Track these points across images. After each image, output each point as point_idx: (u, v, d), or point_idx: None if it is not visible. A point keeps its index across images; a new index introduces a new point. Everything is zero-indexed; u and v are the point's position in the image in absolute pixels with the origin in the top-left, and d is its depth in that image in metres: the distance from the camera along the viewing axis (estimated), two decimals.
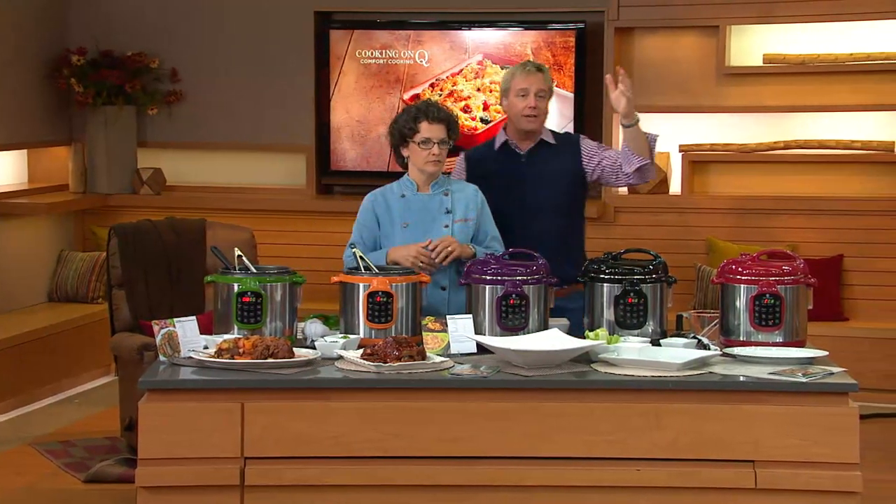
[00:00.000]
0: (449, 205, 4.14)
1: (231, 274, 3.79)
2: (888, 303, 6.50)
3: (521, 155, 4.30)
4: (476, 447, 3.37)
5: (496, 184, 4.27)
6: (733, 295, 3.68)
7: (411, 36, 7.14)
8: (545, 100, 4.27)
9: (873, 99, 6.56)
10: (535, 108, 4.24)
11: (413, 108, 4.14)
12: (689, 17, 6.74)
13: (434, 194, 4.15)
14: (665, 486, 3.36)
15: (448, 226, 4.12)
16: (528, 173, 4.27)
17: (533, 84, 4.24)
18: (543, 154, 4.30)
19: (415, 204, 4.13)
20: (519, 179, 4.27)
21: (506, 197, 4.26)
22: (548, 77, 4.31)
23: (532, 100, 4.23)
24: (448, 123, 4.10)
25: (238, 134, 7.30)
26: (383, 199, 4.16)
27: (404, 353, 3.47)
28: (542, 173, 4.25)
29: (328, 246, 6.84)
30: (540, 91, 4.25)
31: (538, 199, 4.24)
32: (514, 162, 4.31)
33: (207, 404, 3.39)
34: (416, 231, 4.10)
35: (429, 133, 4.07)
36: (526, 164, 4.29)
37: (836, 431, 3.33)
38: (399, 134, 4.12)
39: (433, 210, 4.13)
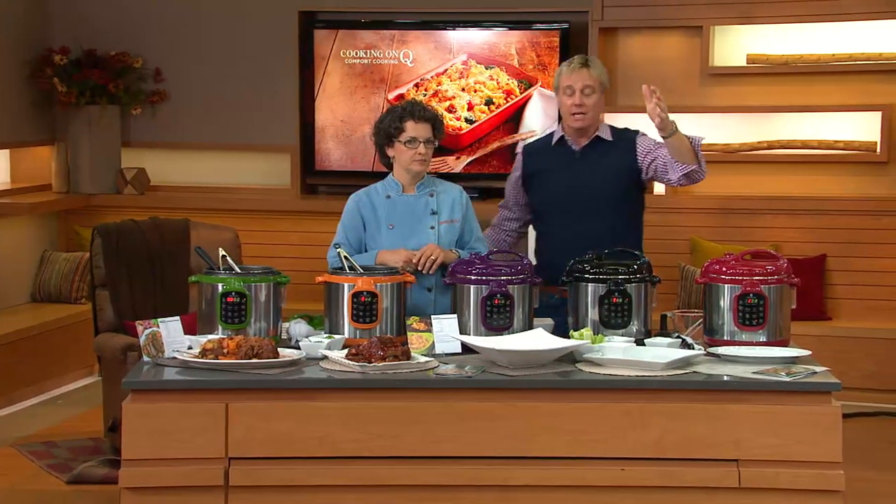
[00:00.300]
0: (434, 206, 4.13)
1: (215, 274, 3.78)
2: (871, 302, 6.53)
3: (576, 151, 4.21)
4: (461, 447, 3.37)
5: (550, 179, 4.22)
6: (717, 295, 3.69)
7: (396, 36, 7.14)
8: (593, 96, 4.14)
9: (856, 99, 6.59)
10: (581, 106, 4.13)
11: (398, 107, 4.13)
12: (672, 17, 6.76)
13: (420, 195, 4.14)
14: (649, 486, 3.37)
15: (434, 227, 4.12)
16: (582, 170, 4.18)
17: (578, 80, 4.13)
18: (598, 151, 4.19)
19: (400, 205, 4.12)
20: (572, 176, 4.19)
21: (559, 193, 4.20)
22: (596, 71, 4.16)
23: (578, 97, 4.13)
24: (434, 123, 4.09)
25: (222, 134, 7.29)
26: (368, 200, 4.14)
27: (389, 353, 3.46)
28: (595, 170, 4.15)
29: (313, 246, 6.83)
30: (586, 87, 4.13)
31: (591, 197, 4.15)
32: (569, 158, 4.22)
33: (191, 405, 3.38)
34: (402, 232, 4.09)
35: (414, 132, 4.06)
36: (580, 161, 4.20)
37: (819, 430, 3.34)
38: (385, 133, 4.10)
39: (419, 211, 4.12)
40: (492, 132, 7.11)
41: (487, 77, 7.06)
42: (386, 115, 4.14)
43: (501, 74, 7.05)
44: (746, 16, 6.65)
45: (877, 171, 6.58)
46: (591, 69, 4.15)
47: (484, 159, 7.14)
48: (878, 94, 6.55)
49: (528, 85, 7.03)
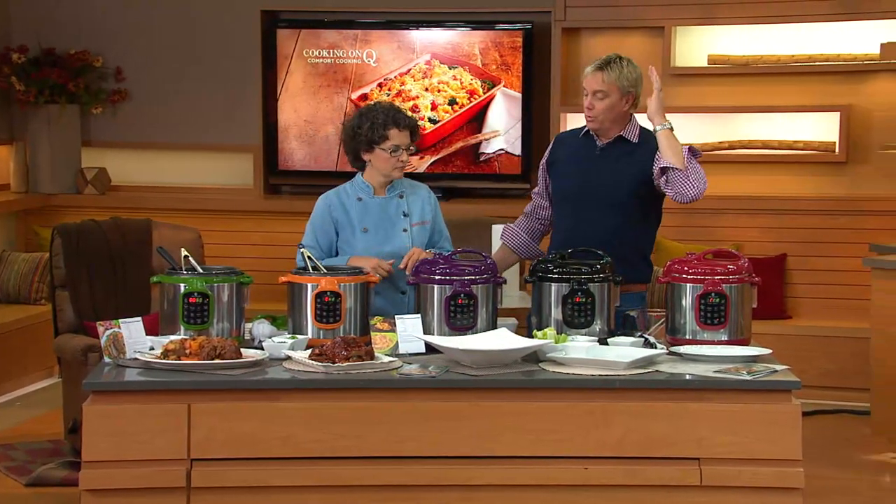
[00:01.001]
0: (406, 208, 4.12)
1: (177, 274, 3.75)
2: (830, 301, 6.59)
3: (598, 147, 4.15)
4: (424, 447, 3.37)
5: (568, 170, 4.17)
6: (679, 294, 3.71)
7: (359, 35, 7.13)
8: (605, 100, 4.06)
9: (815, 100, 6.66)
10: (590, 109, 4.08)
11: (379, 113, 4.06)
12: (634, 17, 6.79)
13: (391, 197, 4.12)
14: (612, 484, 3.37)
15: (407, 230, 4.10)
16: (599, 167, 4.11)
17: (591, 84, 4.08)
18: (620, 151, 4.11)
19: (373, 208, 4.10)
20: (588, 171, 4.12)
21: (572, 185, 4.15)
22: (613, 75, 4.06)
23: (588, 100, 4.08)
24: (413, 129, 4.08)
25: (184, 133, 7.25)
26: (339, 203, 4.11)
27: (353, 353, 3.45)
28: (611, 170, 4.08)
29: (276, 246, 6.82)
30: (598, 92, 4.06)
31: (601, 195, 4.08)
32: (590, 152, 4.15)
33: (153, 406, 3.35)
34: (377, 235, 4.08)
35: (398, 140, 4.04)
36: (599, 157, 4.13)
37: (780, 428, 3.36)
38: (365, 140, 4.05)
39: (391, 214, 4.11)
40: (455, 132, 7.12)
41: (451, 77, 7.06)
42: (362, 121, 4.06)
43: (465, 74, 7.05)
44: (707, 17, 6.69)
45: (835, 171, 6.65)
46: (606, 72, 4.06)
47: (448, 159, 7.15)
48: (836, 94, 6.62)
49: (491, 85, 7.04)
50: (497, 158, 7.10)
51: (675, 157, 3.95)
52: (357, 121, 4.08)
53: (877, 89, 6.60)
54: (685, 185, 3.96)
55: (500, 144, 7.08)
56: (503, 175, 7.10)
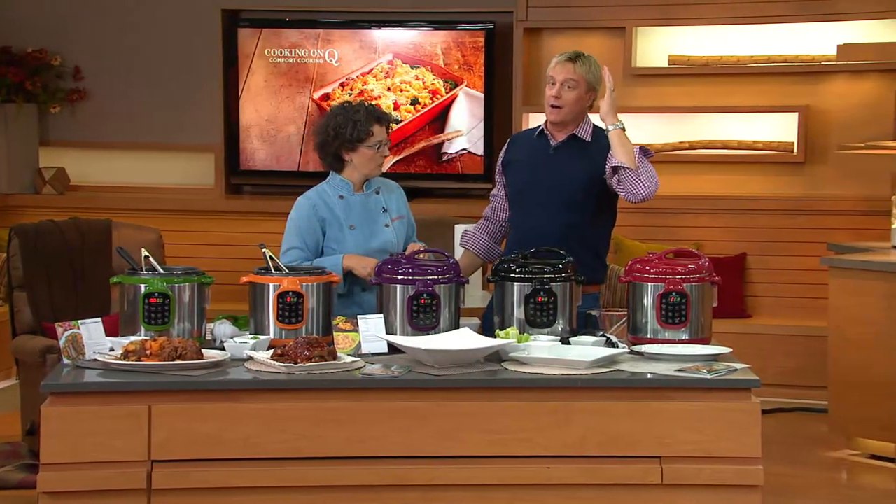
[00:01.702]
0: (384, 203, 4.12)
1: (138, 275, 3.72)
2: (788, 300, 6.65)
3: (552, 146, 4.14)
4: (387, 447, 3.36)
5: (521, 170, 4.17)
6: (641, 293, 3.72)
7: (321, 35, 7.12)
8: (574, 91, 4.05)
9: (774, 100, 6.72)
10: (558, 98, 4.06)
11: (360, 112, 4.04)
12: (595, 18, 6.82)
13: (369, 194, 4.12)
14: (574, 483, 3.38)
15: (388, 225, 4.11)
16: (552, 166, 4.10)
17: (561, 73, 4.06)
18: (573, 149, 4.11)
19: (355, 205, 4.09)
20: (541, 170, 4.12)
21: (525, 185, 4.15)
22: (583, 68, 4.06)
23: (557, 89, 4.06)
24: (389, 124, 4.11)
25: (145, 133, 7.20)
26: (323, 202, 4.08)
27: (315, 353, 3.43)
28: (564, 169, 4.08)
29: (238, 246, 6.79)
30: (568, 81, 4.05)
31: (554, 194, 4.08)
32: (543, 152, 4.14)
33: (113, 407, 3.32)
34: (363, 232, 4.06)
35: (380, 136, 4.05)
36: (553, 157, 4.12)
37: (739, 427, 3.37)
38: (350, 139, 4.03)
39: (373, 210, 4.10)
40: (417, 132, 7.12)
41: (413, 77, 7.06)
42: (344, 121, 4.03)
43: (427, 74, 7.05)
44: (667, 17, 6.74)
45: (794, 172, 6.71)
46: (577, 64, 4.07)
47: (410, 159, 7.15)
48: (794, 95, 6.68)
49: (453, 85, 7.05)
50: (459, 158, 7.11)
51: (626, 156, 3.95)
52: (337, 121, 4.06)
53: (834, 90, 6.67)
54: (636, 185, 3.97)
55: (463, 144, 7.09)
56: (466, 175, 7.11)
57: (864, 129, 6.46)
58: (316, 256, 4.06)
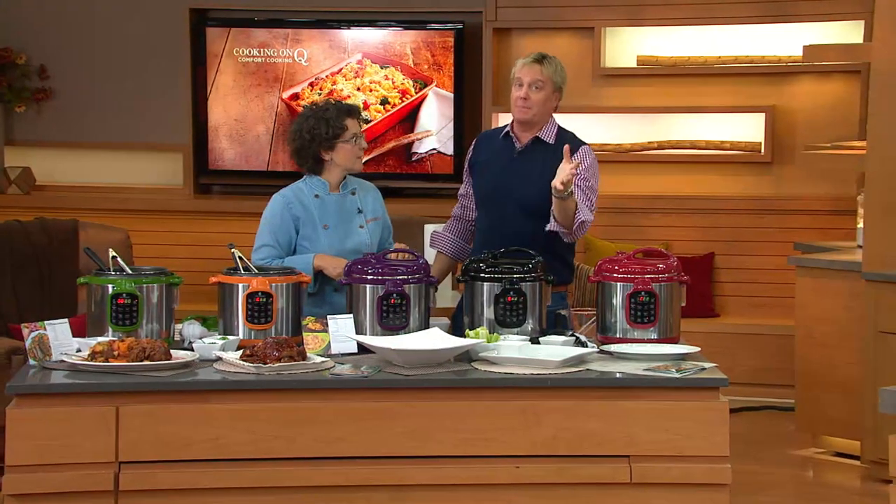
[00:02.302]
0: (359, 204, 4.11)
1: (105, 275, 3.70)
2: (756, 299, 6.69)
3: (516, 149, 4.14)
4: (356, 447, 3.36)
5: (486, 171, 4.17)
6: (610, 293, 3.73)
7: (289, 34, 7.09)
8: (541, 91, 4.07)
9: (741, 100, 6.76)
10: (526, 99, 4.07)
11: (329, 109, 4.02)
12: (564, 18, 6.84)
13: (345, 195, 4.10)
14: (544, 483, 3.38)
15: (363, 226, 4.09)
16: (516, 169, 4.11)
17: (528, 74, 4.08)
18: (537, 152, 4.11)
19: (331, 205, 4.07)
20: (506, 173, 4.12)
21: (490, 187, 4.15)
22: (550, 69, 4.09)
23: (524, 90, 4.08)
24: (360, 116, 4.11)
25: (112, 132, 7.16)
26: (298, 201, 4.06)
27: (284, 353, 3.43)
28: (528, 172, 4.08)
29: (207, 246, 6.76)
30: (535, 82, 4.07)
31: (518, 197, 4.08)
32: (509, 155, 4.15)
33: (80, 408, 3.30)
34: (337, 232, 4.04)
35: (354, 128, 4.05)
36: (518, 160, 4.13)
37: (708, 425, 3.39)
38: (328, 137, 4.01)
39: (348, 210, 4.08)
40: (387, 132, 7.11)
41: (382, 77, 7.05)
42: (316, 123, 4.01)
43: (396, 74, 7.05)
44: (636, 17, 6.76)
45: (761, 171, 6.75)
46: (543, 66, 4.09)
47: (380, 159, 7.14)
48: (761, 95, 6.72)
49: (423, 84, 7.05)
50: (429, 158, 7.11)
51: (566, 222, 3.95)
52: (309, 123, 4.03)
53: (800, 90, 6.72)
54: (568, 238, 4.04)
55: (433, 144, 7.09)
56: (435, 175, 7.11)
57: (830, 130, 6.50)
58: (288, 254, 4.04)
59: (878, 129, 5.10)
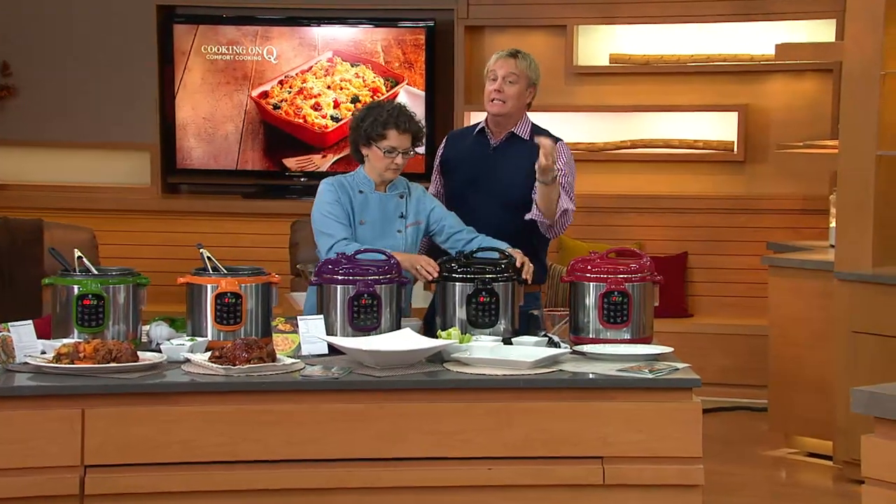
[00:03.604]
0: (404, 209, 4.04)
1: (70, 276, 3.66)
2: (729, 299, 6.70)
3: (492, 145, 4.14)
4: (327, 449, 3.34)
5: (461, 169, 4.16)
6: (583, 293, 3.71)
7: (259, 32, 7.04)
8: (515, 85, 4.07)
9: (714, 99, 6.77)
10: (500, 92, 4.07)
11: (384, 110, 3.96)
12: (536, 16, 6.83)
13: (391, 195, 4.03)
14: (516, 485, 3.37)
15: (401, 231, 4.02)
16: (492, 165, 4.11)
17: (502, 68, 4.09)
18: (513, 148, 4.11)
19: (373, 203, 4.01)
20: (482, 170, 4.12)
21: (468, 186, 4.13)
22: (524, 63, 4.10)
23: (499, 83, 4.07)
24: (416, 135, 3.98)
25: (78, 131, 7.08)
26: (344, 192, 4.00)
27: (254, 355, 3.40)
28: (505, 168, 4.08)
29: (174, 246, 6.71)
30: (509, 76, 4.08)
31: (495, 194, 4.07)
32: (483, 151, 4.14)
33: (45, 412, 3.26)
34: (372, 231, 3.99)
35: (396, 142, 3.94)
36: (493, 156, 4.12)
37: (680, 426, 3.38)
38: (364, 133, 3.97)
39: (389, 212, 4.02)
40: None
41: (353, 75, 7.01)
42: (367, 114, 3.99)
43: (367, 72, 7.01)
44: (608, 16, 6.76)
45: (734, 171, 6.76)
46: (518, 60, 4.11)
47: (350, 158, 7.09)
48: (734, 94, 6.73)
49: (394, 83, 7.01)
50: None
51: (549, 210, 3.98)
52: (362, 114, 4.02)
53: (773, 89, 6.73)
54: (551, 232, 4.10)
55: None
56: (406, 174, 7.06)
57: (803, 129, 6.52)
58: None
59: (849, 128, 5.11)
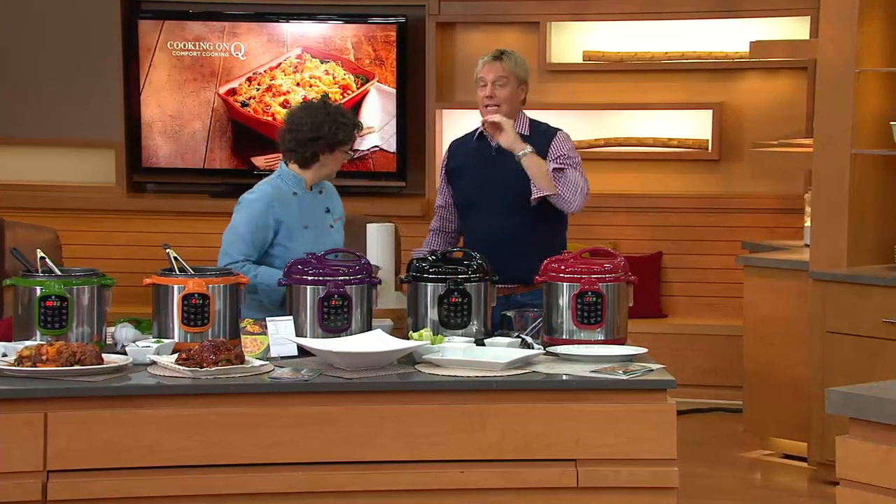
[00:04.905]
0: (328, 204, 4.10)
1: (33, 276, 3.60)
2: (703, 299, 6.69)
3: (493, 148, 4.12)
4: (297, 453, 3.30)
5: (468, 175, 4.16)
6: (556, 293, 3.69)
7: (226, 28, 6.97)
8: (506, 88, 4.08)
9: (688, 97, 6.75)
10: (492, 98, 4.07)
11: (347, 116, 4.02)
12: (509, 13, 6.81)
13: (315, 193, 4.07)
14: (489, 488, 3.34)
15: (332, 225, 4.08)
16: (498, 167, 4.10)
17: (490, 72, 4.09)
18: None
19: (307, 204, 4.03)
20: (488, 172, 4.11)
21: (475, 189, 4.13)
22: (510, 63, 4.10)
23: (489, 89, 4.08)
24: None
25: (40, 128, 6.99)
26: (279, 198, 3.98)
27: (221, 357, 3.36)
28: (511, 167, 4.05)
29: (140, 246, 6.65)
30: (498, 79, 4.08)
31: (506, 194, 4.07)
32: (486, 154, 4.14)
33: (6, 415, 3.20)
34: (315, 232, 4.00)
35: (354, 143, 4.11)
36: (496, 157, 4.11)
37: (655, 428, 3.36)
38: (331, 140, 3.97)
39: (320, 209, 4.07)
40: None
41: (323, 72, 6.95)
42: (323, 120, 3.97)
43: (337, 69, 6.95)
44: (581, 13, 6.74)
45: (708, 169, 6.75)
46: (503, 61, 4.11)
47: None
48: (708, 92, 6.72)
49: (364, 80, 6.95)
50: (371, 155, 7.02)
51: (544, 182, 3.99)
52: (319, 119, 3.97)
53: (747, 87, 6.73)
54: (565, 203, 4.03)
55: (375, 141, 7.00)
56: (378, 173, 7.02)
57: (778, 127, 6.52)
58: (259, 257, 3.97)
59: (824, 127, 5.10)
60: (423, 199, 6.81)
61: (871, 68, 5.01)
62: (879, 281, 4.86)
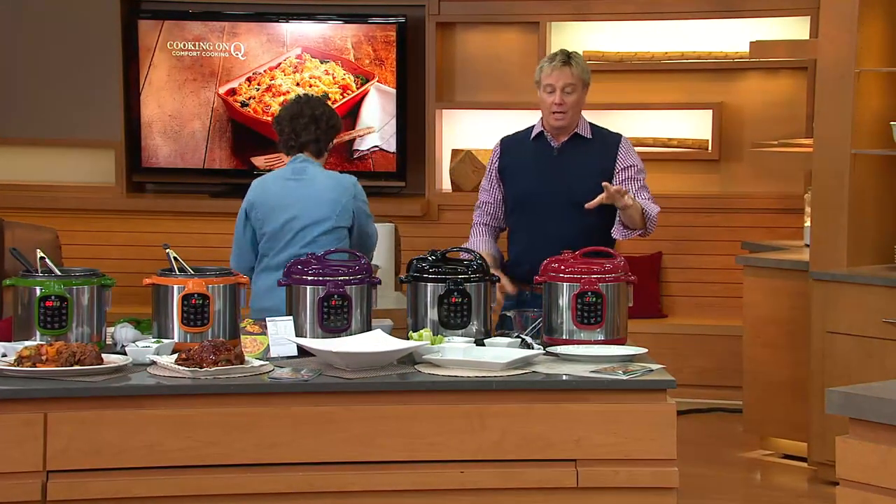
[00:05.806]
0: None
1: (33, 277, 3.60)
2: (703, 299, 6.69)
3: (554, 148, 4.13)
4: (297, 453, 3.29)
5: (526, 174, 4.16)
6: (556, 293, 3.69)
7: (226, 28, 6.97)
8: (574, 94, 4.08)
9: (688, 97, 6.75)
10: (561, 105, 4.06)
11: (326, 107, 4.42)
12: (509, 13, 6.80)
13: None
14: (489, 488, 3.34)
15: None
16: (559, 168, 4.11)
17: (559, 79, 4.07)
18: (577, 148, 4.12)
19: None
20: (548, 173, 4.11)
21: (533, 189, 4.12)
22: (578, 69, 4.09)
23: (558, 96, 4.06)
24: None
25: (40, 128, 6.99)
26: None
27: (221, 357, 3.36)
28: (572, 169, 4.08)
29: (140, 247, 6.65)
30: (567, 86, 4.07)
31: (565, 196, 4.07)
32: (547, 154, 4.14)
33: (6, 416, 3.20)
34: None
35: None
36: (557, 158, 4.12)
37: (655, 428, 3.36)
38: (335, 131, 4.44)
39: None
40: None
41: (323, 72, 6.95)
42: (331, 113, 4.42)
43: (337, 69, 6.95)
44: (582, 13, 6.73)
45: (708, 169, 6.75)
46: (572, 67, 4.08)
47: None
48: (709, 92, 6.72)
49: (364, 80, 6.95)
50: (371, 155, 7.02)
51: (639, 222, 4.10)
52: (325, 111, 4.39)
53: (748, 87, 6.72)
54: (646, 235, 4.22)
55: (375, 141, 7.00)
56: (378, 173, 7.02)
57: (778, 127, 6.51)
58: None
59: (824, 127, 5.10)
60: (423, 200, 6.80)
61: (871, 68, 5.01)
62: (879, 281, 4.86)
